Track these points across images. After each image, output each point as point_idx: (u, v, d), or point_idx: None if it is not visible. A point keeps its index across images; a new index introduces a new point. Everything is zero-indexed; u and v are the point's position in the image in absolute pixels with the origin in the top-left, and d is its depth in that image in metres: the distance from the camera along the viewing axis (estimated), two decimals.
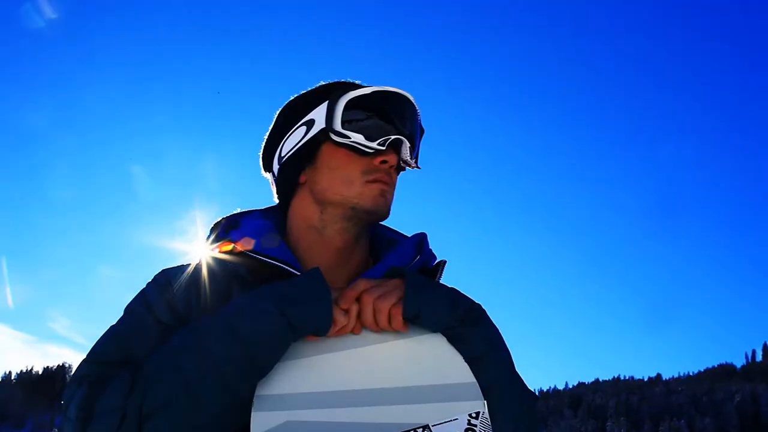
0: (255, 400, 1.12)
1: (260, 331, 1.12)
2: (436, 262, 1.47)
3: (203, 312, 1.28)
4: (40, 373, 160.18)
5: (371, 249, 1.53)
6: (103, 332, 1.32)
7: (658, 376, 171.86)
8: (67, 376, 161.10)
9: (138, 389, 1.11)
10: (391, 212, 1.41)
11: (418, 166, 1.44)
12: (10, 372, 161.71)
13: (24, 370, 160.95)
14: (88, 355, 1.28)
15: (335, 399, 1.13)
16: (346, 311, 1.19)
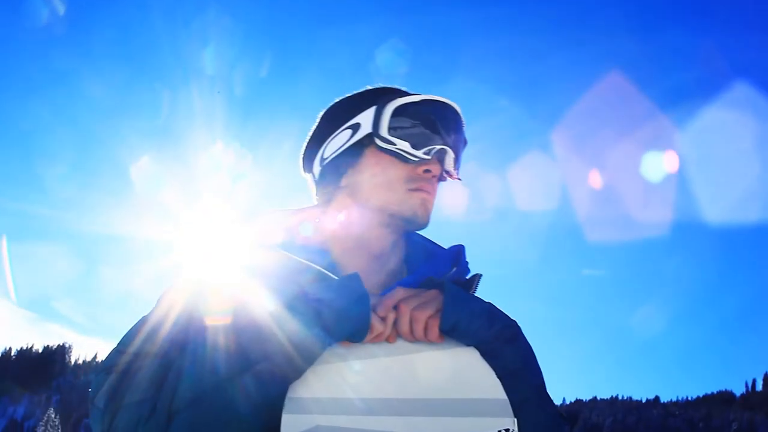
0: (286, 402, 1.11)
1: (299, 334, 1.11)
2: (470, 275, 1.45)
3: (237, 309, 1.25)
4: (40, 351, 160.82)
5: (405, 257, 1.52)
6: (135, 322, 1.31)
7: (657, 398, 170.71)
8: (67, 356, 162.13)
9: (169, 383, 1.11)
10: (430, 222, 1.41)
11: (459, 177, 1.44)
12: (10, 348, 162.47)
13: (24, 348, 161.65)
14: (118, 344, 1.27)
15: (366, 406, 1.12)
16: (383, 319, 1.18)
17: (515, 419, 1.16)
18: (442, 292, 1.23)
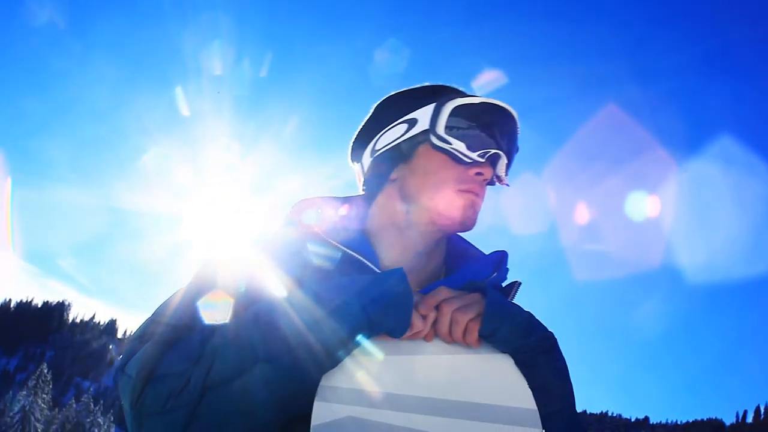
0: (319, 390, 1.12)
1: (341, 324, 1.10)
2: (508, 282, 1.45)
3: (278, 292, 1.24)
4: (39, 306, 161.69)
5: (444, 258, 1.52)
6: (172, 293, 1.31)
7: (646, 418, 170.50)
8: (65, 313, 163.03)
9: (206, 359, 1.10)
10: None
11: (508, 183, 1.43)
12: (9, 300, 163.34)
13: (23, 301, 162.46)
14: (154, 314, 1.26)
15: (397, 402, 1.12)
16: (424, 317, 1.18)
17: (543, 431, 1.15)
18: (483, 297, 1.22)
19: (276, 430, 1.12)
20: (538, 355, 1.21)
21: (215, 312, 1.22)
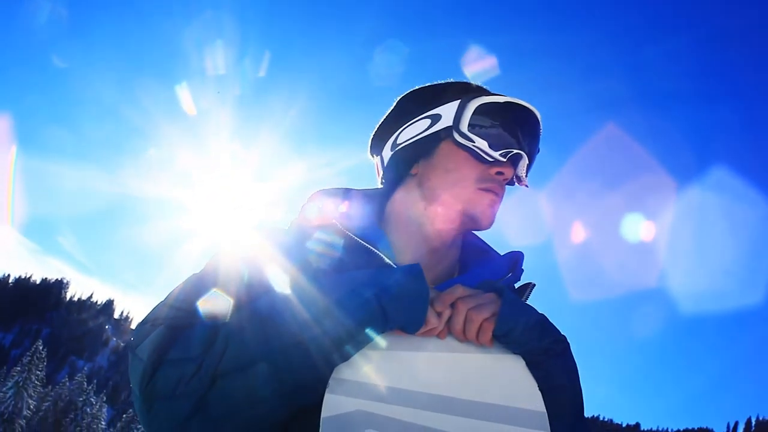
0: (330, 382, 1.11)
1: (356, 316, 1.10)
2: (522, 283, 1.44)
3: (292, 282, 1.22)
4: (37, 282, 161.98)
5: (459, 256, 1.50)
6: (186, 278, 1.30)
7: (637, 425, 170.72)
8: (63, 291, 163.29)
9: (218, 346, 1.09)
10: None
11: (527, 185, 1.43)
12: (8, 275, 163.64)
13: (22, 277, 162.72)
14: (167, 298, 1.25)
15: (408, 398, 1.12)
16: (439, 314, 1.17)
17: None
18: (499, 297, 1.22)
19: (284, 421, 1.12)
20: (550, 357, 1.21)
21: (229, 300, 1.22)
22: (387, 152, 1.47)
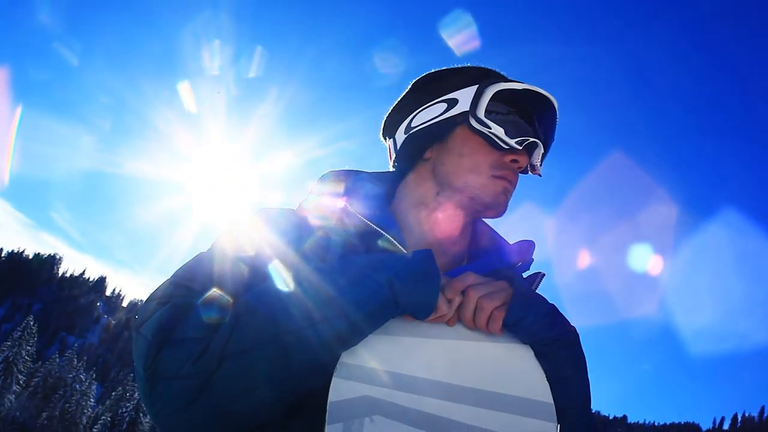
0: (338, 366, 1.10)
1: (366, 300, 1.07)
2: (531, 272, 1.41)
3: (302, 264, 1.20)
4: (30, 257, 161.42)
5: (468, 243, 1.48)
6: (193, 257, 1.27)
7: (624, 417, 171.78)
8: (56, 267, 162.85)
9: (227, 326, 1.07)
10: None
11: (541, 174, 1.41)
12: (1, 249, 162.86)
13: (15, 251, 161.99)
14: (174, 276, 1.22)
15: (415, 385, 1.11)
16: (449, 301, 1.16)
17: (558, 425, 1.13)
18: (510, 285, 1.20)
19: (291, 403, 1.10)
20: (559, 348, 1.19)
21: (238, 280, 1.19)
22: (400, 135, 1.45)
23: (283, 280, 1.13)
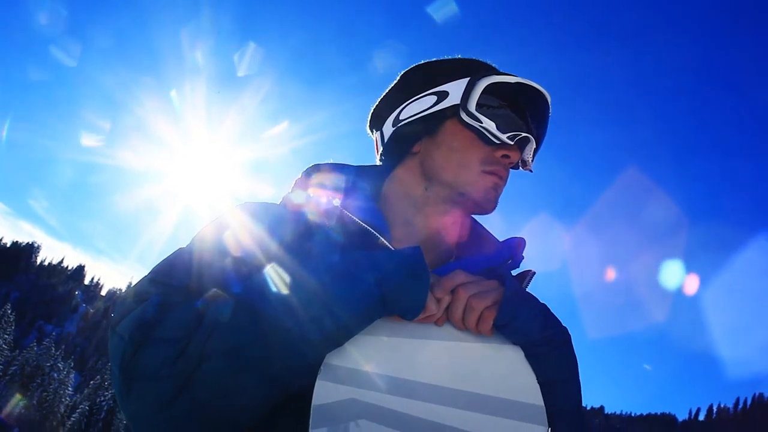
0: (322, 368, 1.06)
1: (353, 299, 1.03)
2: (521, 270, 1.36)
3: (287, 261, 1.15)
4: (8, 245, 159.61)
5: (456, 240, 1.43)
6: (172, 252, 1.22)
7: (602, 407, 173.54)
8: (34, 255, 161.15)
9: (206, 326, 1.02)
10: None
11: (532, 170, 1.38)
12: None
13: None
14: (152, 272, 1.17)
15: (402, 387, 1.08)
16: (439, 300, 1.12)
17: (549, 429, 1.10)
18: (501, 284, 1.16)
19: (272, 406, 1.06)
20: (550, 349, 1.15)
21: (219, 278, 1.15)
22: (388, 128, 1.40)
23: (266, 278, 1.08)
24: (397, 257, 1.09)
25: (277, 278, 1.07)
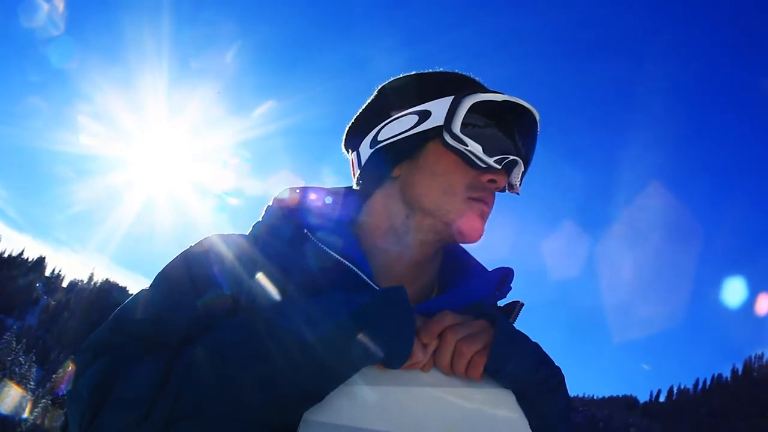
0: (301, 425, 0.98)
1: (332, 349, 0.95)
2: (508, 301, 1.30)
3: (256, 298, 1.10)
4: None
5: (439, 269, 1.35)
6: (133, 296, 1.13)
7: None
8: None
9: (172, 384, 0.93)
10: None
11: (519, 192, 1.29)
12: None
13: None
14: (112, 320, 1.08)
15: None
16: (425, 345, 1.05)
17: None
18: (491, 324, 1.09)
19: None
20: (543, 393, 1.09)
21: (183, 321, 1.06)
22: (365, 149, 1.30)
23: (236, 328, 1.00)
24: (381, 301, 1.00)
25: (249, 328, 0.99)
